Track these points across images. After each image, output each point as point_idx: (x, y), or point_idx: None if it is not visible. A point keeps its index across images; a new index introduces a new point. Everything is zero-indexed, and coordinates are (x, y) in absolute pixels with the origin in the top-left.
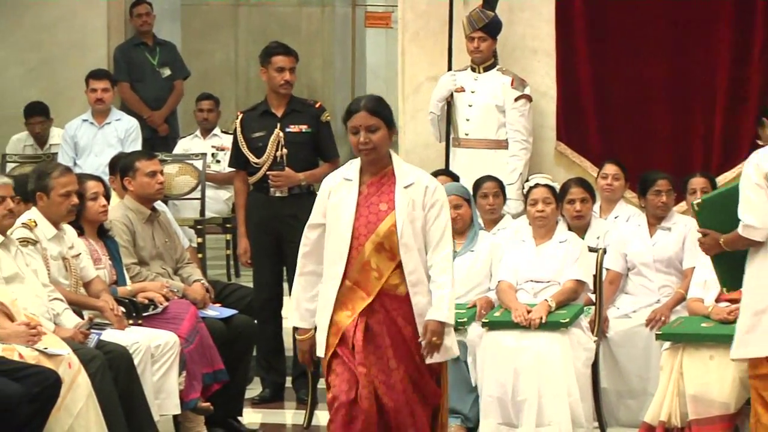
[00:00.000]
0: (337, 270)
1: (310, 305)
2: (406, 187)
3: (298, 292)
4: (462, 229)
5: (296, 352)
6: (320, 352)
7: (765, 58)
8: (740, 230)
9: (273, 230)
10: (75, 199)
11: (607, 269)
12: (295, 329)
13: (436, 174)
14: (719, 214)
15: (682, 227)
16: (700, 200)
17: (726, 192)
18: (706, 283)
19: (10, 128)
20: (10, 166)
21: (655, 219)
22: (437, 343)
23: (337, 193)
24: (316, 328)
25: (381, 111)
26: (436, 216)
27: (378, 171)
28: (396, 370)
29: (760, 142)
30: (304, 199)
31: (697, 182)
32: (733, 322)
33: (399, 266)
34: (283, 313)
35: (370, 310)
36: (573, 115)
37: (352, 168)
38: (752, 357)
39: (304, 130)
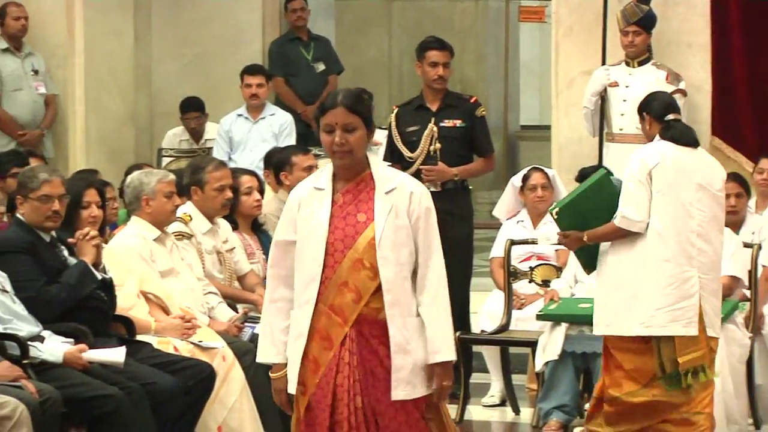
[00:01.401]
0: (310, 293)
1: (284, 337)
2: (387, 193)
3: (270, 321)
4: None
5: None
6: (291, 388)
7: None
8: (618, 222)
9: None
10: (229, 194)
11: (763, 266)
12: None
13: (588, 170)
14: (574, 218)
15: None
16: (557, 209)
17: (576, 198)
18: None
19: (166, 123)
20: (165, 161)
21: None
22: (449, 386)
23: (308, 204)
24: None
25: (360, 108)
26: (423, 226)
27: (354, 176)
28: (360, 409)
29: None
30: (458, 194)
31: None
32: None
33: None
34: None
35: (349, 340)
36: (728, 109)
37: (323, 175)
38: (625, 335)
39: (458, 125)
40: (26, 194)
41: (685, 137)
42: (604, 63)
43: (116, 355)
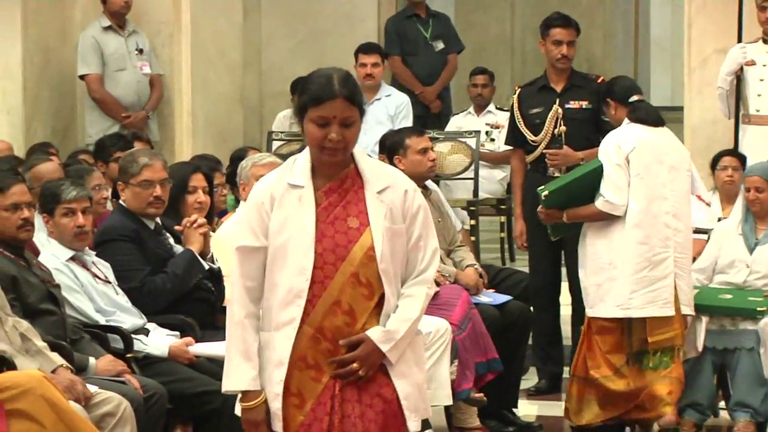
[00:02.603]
0: (293, 313)
1: (257, 359)
2: (379, 193)
3: (238, 342)
4: (762, 213)
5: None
6: (278, 427)
7: None
8: (600, 205)
9: None
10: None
11: None
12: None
13: (721, 155)
14: (560, 200)
15: None
16: (546, 192)
17: (570, 183)
18: None
19: (276, 104)
20: (276, 145)
21: None
22: (354, 370)
23: (284, 205)
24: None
25: (360, 99)
26: (420, 228)
27: (337, 172)
28: None
29: (605, 118)
30: None
31: None
32: None
33: (379, 305)
34: (561, 299)
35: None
36: None
37: (297, 169)
38: (604, 316)
39: (584, 107)
40: (127, 180)
41: (653, 117)
42: (740, 40)
43: (224, 348)
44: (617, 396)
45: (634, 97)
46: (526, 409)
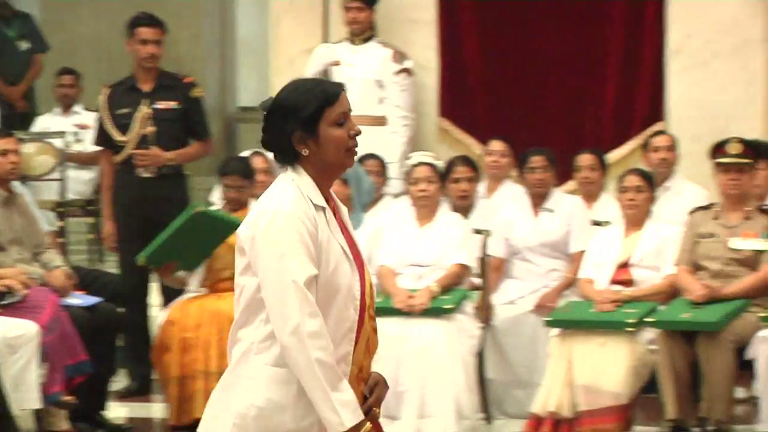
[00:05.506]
0: (345, 348)
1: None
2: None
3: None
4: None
5: None
6: None
7: (658, 31)
8: None
9: (141, 213)
10: None
11: (489, 256)
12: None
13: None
14: (165, 256)
15: (567, 208)
16: (142, 257)
17: (163, 242)
18: (598, 264)
19: None
20: None
21: (537, 198)
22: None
23: (320, 228)
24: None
25: None
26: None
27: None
28: None
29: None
30: (174, 180)
31: (585, 159)
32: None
33: None
34: (150, 300)
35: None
36: (458, 90)
37: (305, 186)
38: None
39: (173, 107)
40: None
41: None
42: (326, 40)
43: None
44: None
45: None
46: (117, 411)
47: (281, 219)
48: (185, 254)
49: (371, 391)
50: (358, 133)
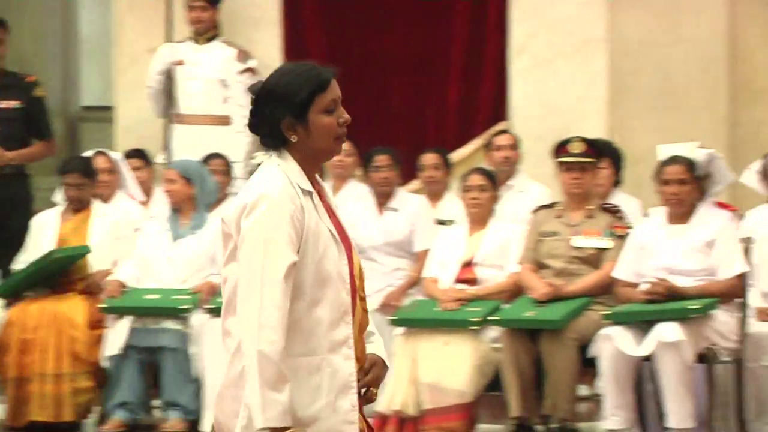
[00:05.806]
0: (345, 331)
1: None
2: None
3: (273, 373)
4: (187, 209)
5: None
6: None
7: (501, 31)
8: None
9: None
10: None
11: None
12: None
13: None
14: (21, 286)
15: (412, 208)
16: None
17: (25, 278)
18: (443, 263)
19: None
20: None
21: (382, 197)
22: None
23: (307, 213)
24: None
25: None
26: None
27: (315, 173)
28: None
29: None
30: (16, 180)
31: (428, 158)
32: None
33: None
34: None
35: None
36: None
37: (292, 172)
38: None
39: (15, 106)
40: None
41: None
42: (170, 40)
43: None
44: None
45: None
46: None
47: (267, 203)
48: (37, 286)
49: (367, 372)
50: (348, 121)
